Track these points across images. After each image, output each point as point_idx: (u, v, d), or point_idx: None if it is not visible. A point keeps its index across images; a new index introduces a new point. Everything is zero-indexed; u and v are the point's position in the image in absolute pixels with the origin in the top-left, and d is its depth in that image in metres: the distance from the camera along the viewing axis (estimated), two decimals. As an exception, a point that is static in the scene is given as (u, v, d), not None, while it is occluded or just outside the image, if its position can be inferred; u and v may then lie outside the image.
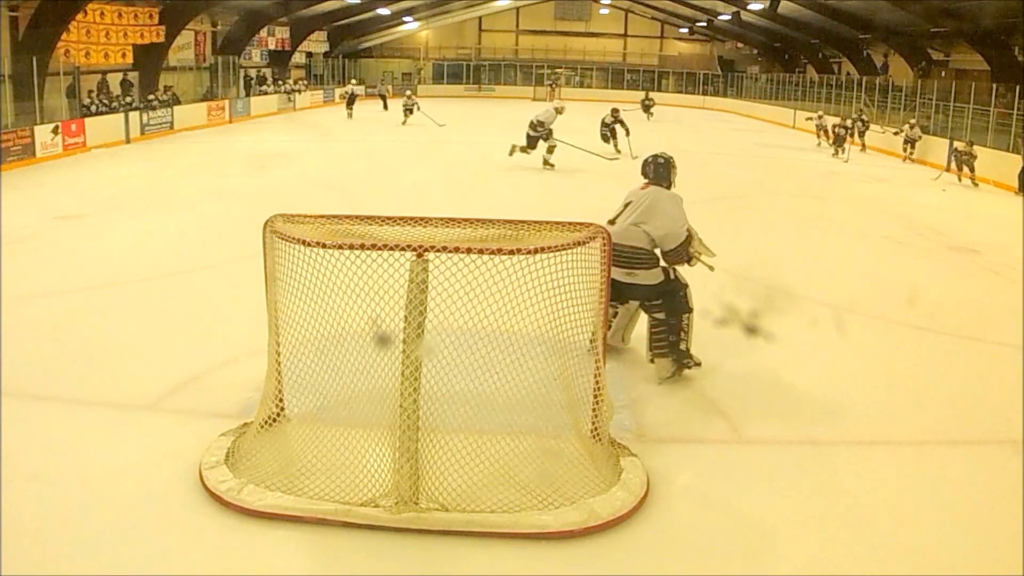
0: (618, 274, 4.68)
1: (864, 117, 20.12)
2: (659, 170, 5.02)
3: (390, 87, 32.11)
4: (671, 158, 5.09)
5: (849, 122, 19.33)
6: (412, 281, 3.36)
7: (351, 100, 25.82)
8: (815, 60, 33.00)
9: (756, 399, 4.80)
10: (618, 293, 4.79)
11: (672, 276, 4.90)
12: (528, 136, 14.02)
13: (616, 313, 5.16)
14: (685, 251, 4.81)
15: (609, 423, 3.93)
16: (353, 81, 29.17)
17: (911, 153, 17.74)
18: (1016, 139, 15.37)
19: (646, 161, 5.11)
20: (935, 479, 4.01)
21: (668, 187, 5.01)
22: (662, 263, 4.90)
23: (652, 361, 4.95)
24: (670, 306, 4.83)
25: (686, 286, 4.91)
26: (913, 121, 18.30)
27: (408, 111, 23.38)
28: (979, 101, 17.96)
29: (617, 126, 16.81)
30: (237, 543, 3.30)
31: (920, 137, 17.83)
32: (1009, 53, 19.72)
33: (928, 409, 4.83)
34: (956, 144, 15.42)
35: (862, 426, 4.56)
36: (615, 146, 16.59)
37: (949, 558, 3.37)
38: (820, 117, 20.98)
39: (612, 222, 4.86)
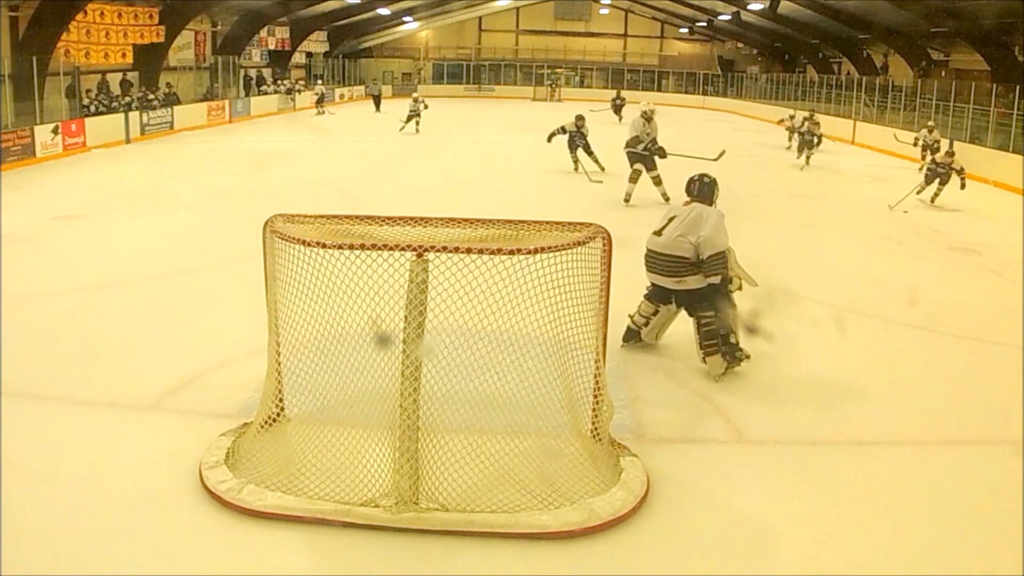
0: (667, 282, 5.10)
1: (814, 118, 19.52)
2: (703, 189, 5.25)
3: (383, 87, 31.99)
4: (715, 179, 5.33)
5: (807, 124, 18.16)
6: (412, 281, 3.36)
7: (320, 100, 28.28)
8: (815, 60, 33.01)
9: (756, 399, 4.81)
10: (666, 297, 5.23)
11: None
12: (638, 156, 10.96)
13: (656, 311, 5.37)
14: (723, 263, 4.96)
15: (609, 423, 3.93)
16: (319, 82, 30.98)
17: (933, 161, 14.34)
18: (1016, 139, 15.10)
19: (691, 179, 5.33)
20: (935, 479, 4.01)
21: (710, 206, 5.19)
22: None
23: (704, 361, 5.07)
24: (717, 305, 5.02)
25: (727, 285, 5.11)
26: (932, 124, 16.21)
27: (414, 117, 20.63)
28: (979, 101, 17.92)
29: (579, 137, 13.42)
30: (237, 543, 3.30)
31: (939, 144, 14.76)
32: (1009, 53, 19.72)
33: (928, 409, 4.83)
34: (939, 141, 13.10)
35: (862, 426, 4.56)
36: (574, 159, 13.71)
37: (949, 558, 3.37)
38: (791, 118, 20.59)
39: (658, 233, 5.13)
